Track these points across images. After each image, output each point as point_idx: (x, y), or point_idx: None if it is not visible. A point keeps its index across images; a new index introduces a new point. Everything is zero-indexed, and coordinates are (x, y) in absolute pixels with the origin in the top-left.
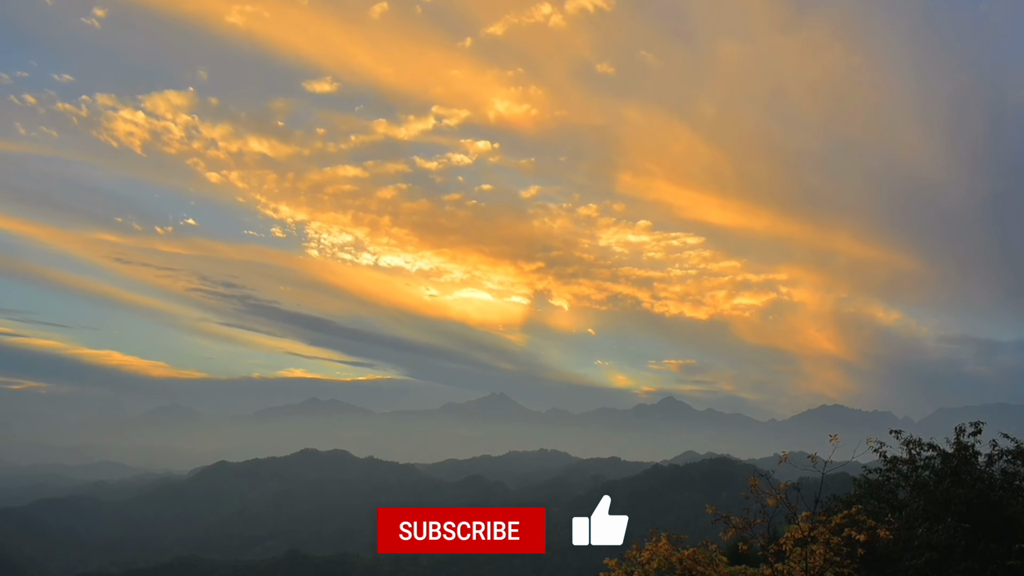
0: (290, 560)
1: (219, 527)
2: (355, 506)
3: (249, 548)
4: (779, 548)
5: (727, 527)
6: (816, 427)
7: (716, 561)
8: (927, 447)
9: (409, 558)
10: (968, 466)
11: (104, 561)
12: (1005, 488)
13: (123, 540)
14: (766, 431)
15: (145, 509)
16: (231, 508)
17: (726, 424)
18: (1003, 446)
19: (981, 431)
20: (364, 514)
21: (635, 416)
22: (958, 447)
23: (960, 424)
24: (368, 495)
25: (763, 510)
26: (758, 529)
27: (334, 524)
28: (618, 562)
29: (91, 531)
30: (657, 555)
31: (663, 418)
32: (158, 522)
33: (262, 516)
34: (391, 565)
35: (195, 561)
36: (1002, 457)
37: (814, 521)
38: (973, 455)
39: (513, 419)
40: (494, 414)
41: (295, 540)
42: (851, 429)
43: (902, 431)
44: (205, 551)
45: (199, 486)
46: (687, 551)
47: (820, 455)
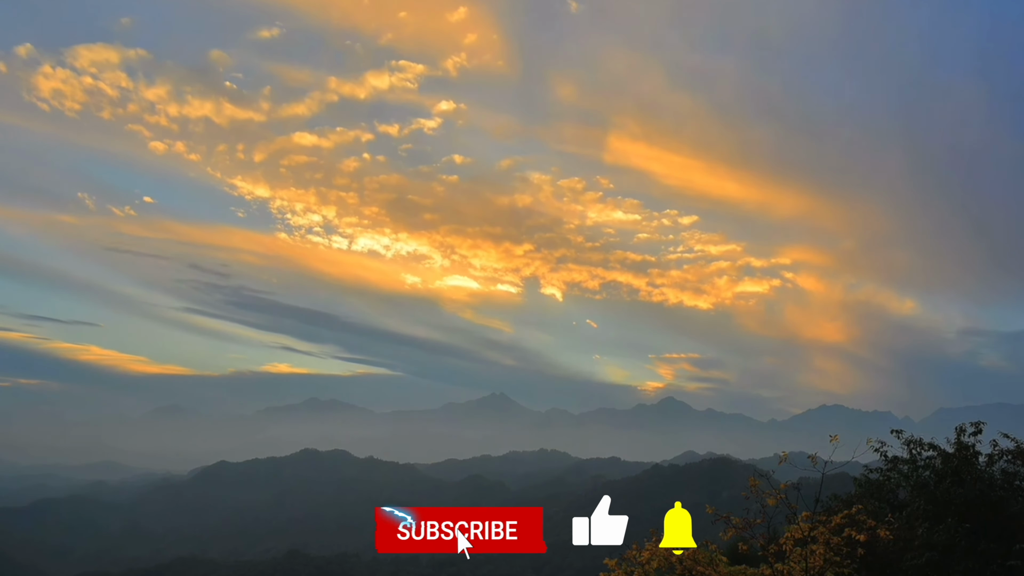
0: (290, 560)
1: (219, 527)
2: (355, 506)
3: (249, 548)
4: (779, 548)
5: (727, 527)
6: (816, 427)
7: (716, 561)
8: (928, 447)
9: (409, 558)
10: (968, 466)
11: (104, 561)
12: (1005, 488)
13: (123, 540)
14: (766, 431)
15: (145, 509)
16: (231, 508)
17: (726, 424)
18: (1003, 446)
19: (981, 431)
20: (364, 514)
21: (635, 416)
22: (958, 447)
23: (960, 424)
24: (368, 495)
25: (763, 510)
26: (758, 529)
27: (334, 524)
28: (618, 562)
29: (91, 531)
30: (657, 555)
31: (663, 418)
32: (158, 522)
33: (262, 516)
34: (391, 565)
35: (195, 561)
36: (1002, 457)
37: (814, 521)
38: (973, 455)
39: (513, 419)
40: (494, 414)
41: (295, 540)
42: (851, 429)
43: (903, 431)
44: (205, 551)
45: (199, 486)
46: (687, 551)
47: (820, 455)
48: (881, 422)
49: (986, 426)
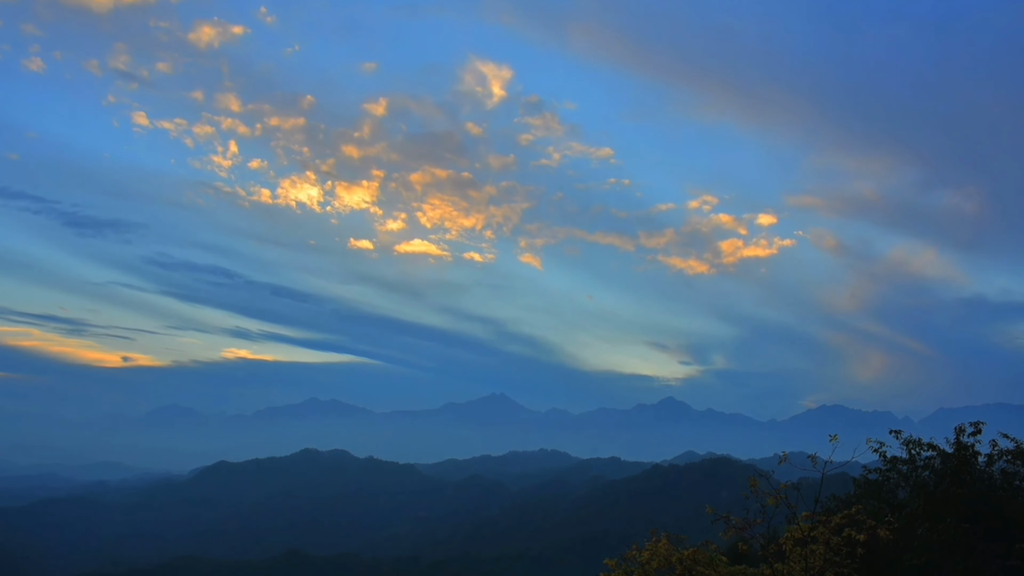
0: (290, 560)
1: (219, 527)
2: (355, 506)
3: (249, 548)
4: (779, 548)
5: (727, 527)
6: (816, 427)
7: (716, 561)
8: (927, 447)
9: (409, 558)
10: (968, 466)
11: (104, 561)
12: (1005, 488)
13: (123, 540)
14: (766, 431)
15: (145, 509)
16: (231, 508)
17: (726, 424)
18: (1003, 446)
19: (981, 431)
20: (364, 514)
21: (635, 416)
22: (958, 447)
23: (960, 424)
24: (368, 495)
25: (763, 510)
26: (758, 529)
27: (334, 524)
28: (618, 562)
29: (91, 531)
30: (657, 555)
31: (663, 418)
32: (158, 522)
33: (262, 516)
34: (391, 565)
35: (195, 561)
36: (1002, 457)
37: (814, 521)
38: (973, 455)
39: (513, 419)
40: (494, 414)
41: (295, 540)
42: (851, 429)
43: (902, 431)
44: (205, 551)
45: (199, 486)
46: (687, 551)
47: (820, 455)
48: (881, 422)
49: (986, 426)
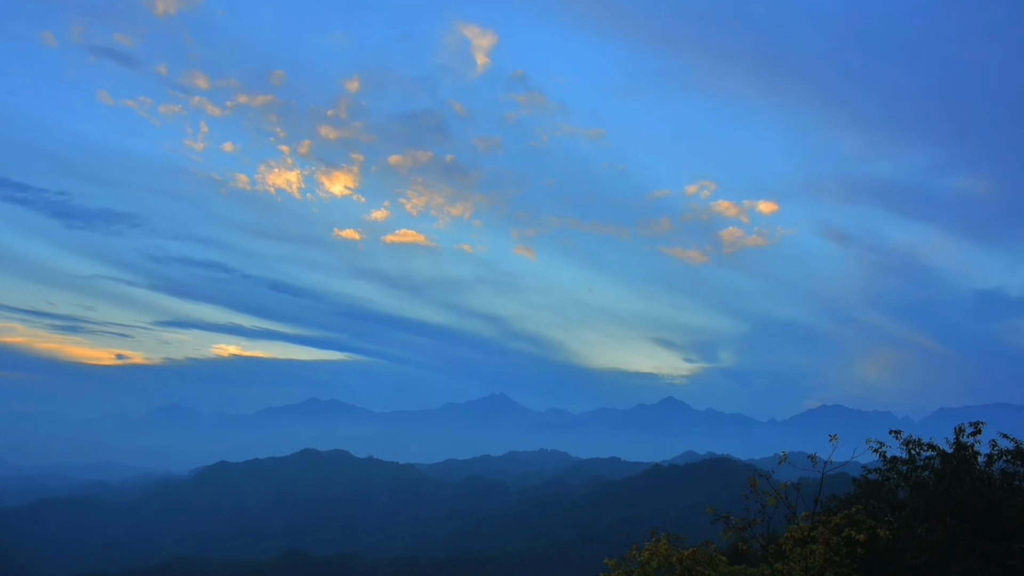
0: (290, 560)
1: (219, 527)
2: (355, 506)
3: (249, 548)
4: (779, 548)
5: (727, 527)
6: (816, 427)
7: (716, 561)
8: (927, 447)
9: (409, 558)
10: (968, 466)
11: (104, 561)
12: (1005, 488)
13: (123, 540)
14: (766, 431)
15: (145, 509)
16: (231, 508)
17: (726, 424)
18: (1003, 446)
19: (981, 431)
20: (364, 514)
21: (635, 416)
22: (958, 447)
23: (960, 424)
24: (368, 495)
25: (763, 510)
26: (758, 529)
27: (334, 524)
28: (618, 562)
29: (91, 531)
30: (657, 555)
31: (663, 418)
32: (158, 522)
33: (262, 516)
34: (391, 565)
35: (195, 561)
36: (1002, 457)
37: (814, 521)
38: (973, 455)
39: (513, 419)
40: (494, 414)
41: (295, 540)
42: (851, 429)
43: (902, 431)
44: (205, 551)
45: (199, 486)
46: (687, 551)
47: (820, 455)
48: (881, 422)
49: (986, 426)
